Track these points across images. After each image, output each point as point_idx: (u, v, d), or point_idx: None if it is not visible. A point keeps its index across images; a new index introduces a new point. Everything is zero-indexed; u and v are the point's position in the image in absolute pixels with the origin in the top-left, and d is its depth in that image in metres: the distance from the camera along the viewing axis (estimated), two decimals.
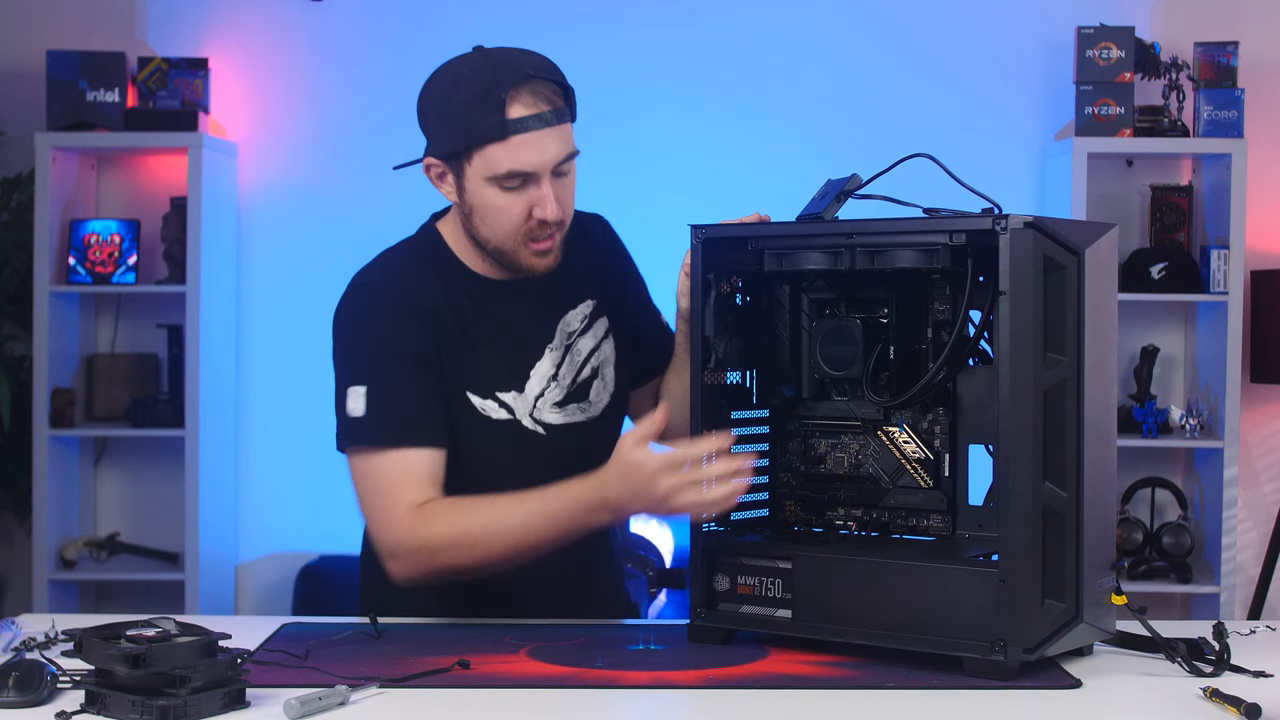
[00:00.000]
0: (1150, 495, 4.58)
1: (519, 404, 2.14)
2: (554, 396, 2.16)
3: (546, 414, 2.15)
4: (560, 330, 2.19)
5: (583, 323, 2.21)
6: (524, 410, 2.14)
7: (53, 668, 1.68)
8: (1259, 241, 4.57)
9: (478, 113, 2.01)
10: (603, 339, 2.23)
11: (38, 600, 4.43)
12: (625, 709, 1.71)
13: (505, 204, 2.05)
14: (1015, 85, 4.66)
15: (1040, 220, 1.75)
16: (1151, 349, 4.54)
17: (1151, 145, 4.46)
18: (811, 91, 4.65)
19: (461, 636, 1.98)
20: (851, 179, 1.96)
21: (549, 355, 2.17)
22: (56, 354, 4.49)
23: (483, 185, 2.05)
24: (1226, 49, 4.47)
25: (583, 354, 2.20)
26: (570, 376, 2.18)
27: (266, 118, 4.70)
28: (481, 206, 2.07)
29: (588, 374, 2.20)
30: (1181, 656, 1.80)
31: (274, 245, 4.64)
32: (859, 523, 2.01)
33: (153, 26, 4.70)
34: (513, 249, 2.09)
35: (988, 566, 1.77)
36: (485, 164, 2.03)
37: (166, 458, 4.60)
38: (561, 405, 2.17)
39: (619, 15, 4.65)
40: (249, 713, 1.61)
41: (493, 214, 2.06)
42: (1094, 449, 1.78)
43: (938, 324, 1.95)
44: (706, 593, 1.95)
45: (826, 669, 1.80)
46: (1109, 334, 1.83)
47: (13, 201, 4.64)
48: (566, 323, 2.20)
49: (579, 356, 2.19)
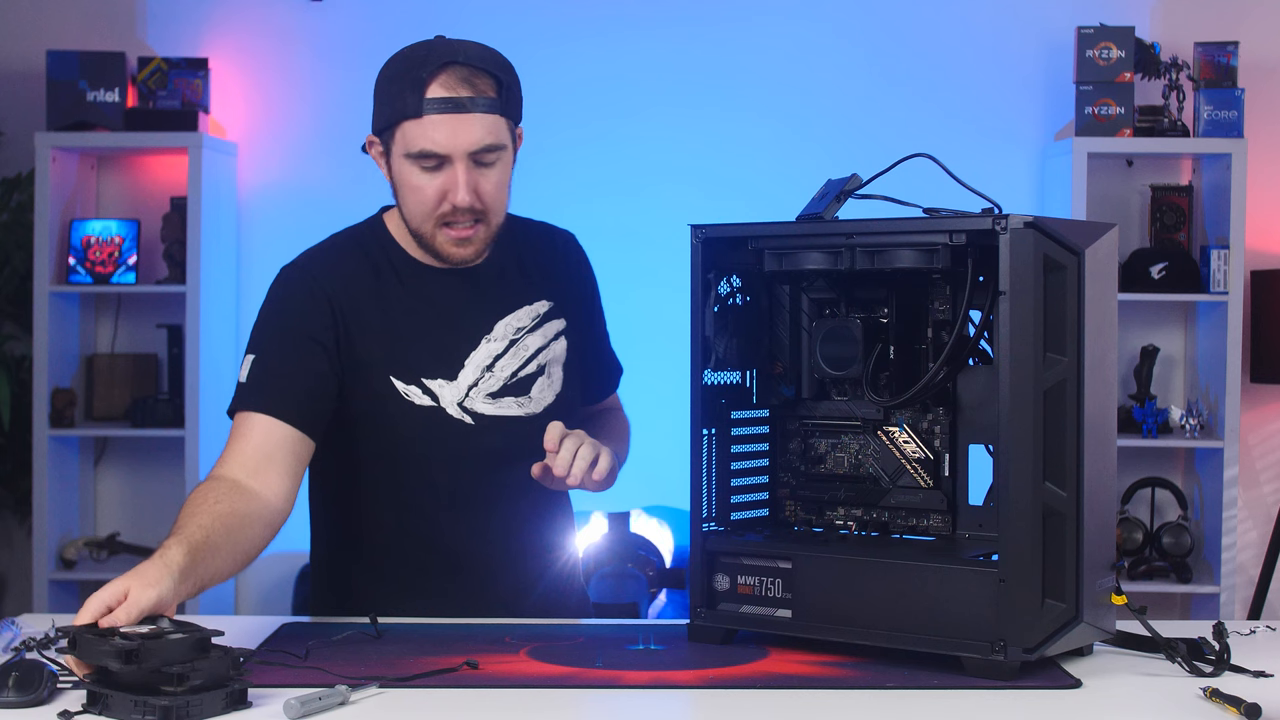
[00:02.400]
0: (1150, 495, 4.58)
1: (447, 391, 2.15)
2: (488, 387, 2.17)
3: (479, 404, 2.16)
4: (505, 324, 2.20)
5: (533, 320, 2.22)
6: (452, 398, 2.15)
7: (53, 668, 1.68)
8: (1259, 241, 4.58)
9: (399, 89, 2.09)
10: (553, 339, 2.23)
11: (38, 600, 4.43)
12: (625, 709, 1.71)
13: (419, 184, 2.10)
14: (1015, 85, 4.67)
15: (1040, 220, 1.75)
16: (1151, 349, 4.54)
17: (1151, 145, 4.46)
18: (812, 91, 4.65)
19: (461, 636, 1.98)
20: (851, 179, 1.96)
21: (485, 346, 2.18)
22: (56, 354, 4.50)
23: (402, 162, 2.10)
24: (1226, 49, 4.47)
25: (529, 350, 2.21)
26: (510, 370, 2.19)
27: (266, 118, 4.70)
28: (400, 184, 2.13)
29: (532, 369, 2.20)
30: (1181, 656, 1.80)
31: (274, 245, 4.64)
32: (859, 523, 2.01)
33: (153, 26, 4.71)
34: (429, 233, 2.13)
35: (988, 566, 1.77)
36: (403, 140, 2.09)
37: (166, 458, 4.60)
38: (496, 397, 2.17)
39: (619, 16, 4.65)
40: (249, 713, 1.61)
41: (408, 192, 2.12)
42: (1094, 449, 1.78)
43: (938, 324, 1.95)
44: (706, 593, 1.95)
45: (826, 669, 1.80)
46: (1109, 334, 1.83)
47: (13, 201, 4.64)
48: (516, 318, 2.21)
49: (524, 352, 2.20)
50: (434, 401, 2.14)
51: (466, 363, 2.16)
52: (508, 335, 2.19)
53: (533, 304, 2.23)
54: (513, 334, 2.20)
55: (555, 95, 4.63)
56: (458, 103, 2.07)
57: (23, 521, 4.65)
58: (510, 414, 2.17)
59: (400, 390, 2.13)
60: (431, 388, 2.14)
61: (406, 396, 2.13)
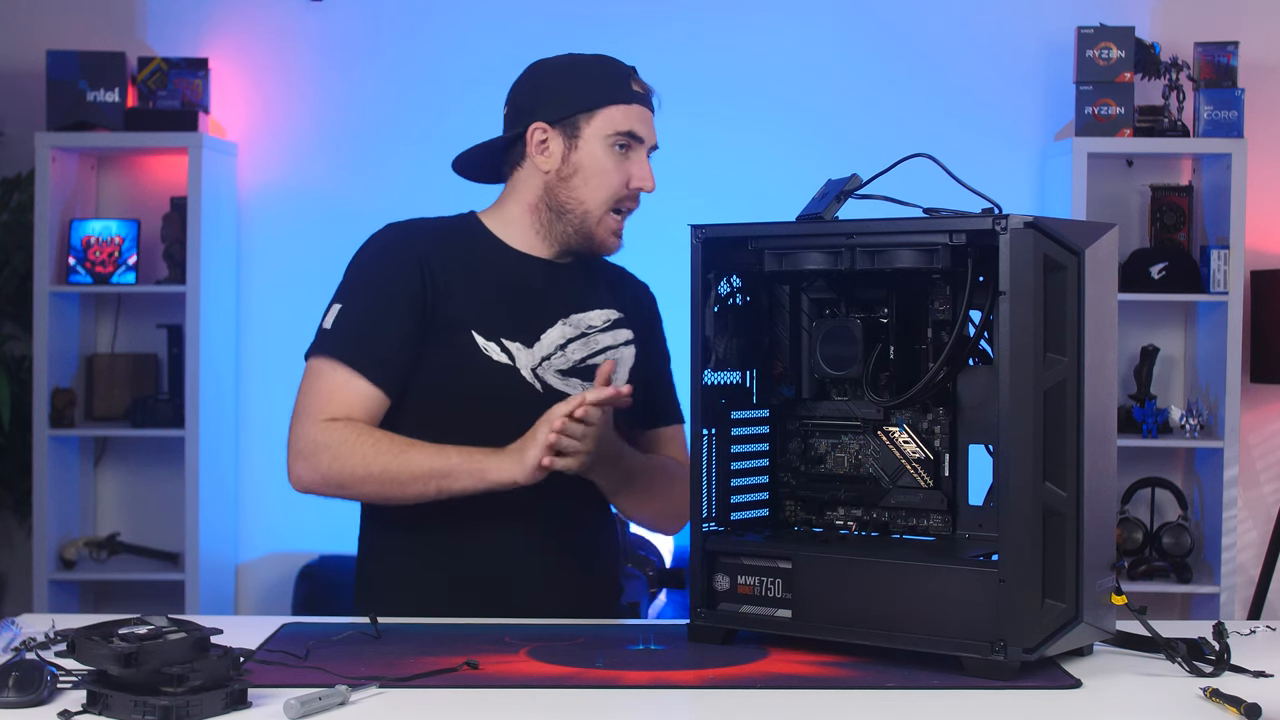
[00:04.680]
0: (1150, 495, 4.58)
1: (524, 356, 2.23)
2: (559, 364, 2.25)
3: (550, 376, 2.24)
4: (579, 317, 2.29)
5: (604, 323, 2.32)
6: (527, 363, 2.23)
7: (53, 667, 1.68)
8: (1259, 241, 4.57)
9: (608, 77, 2.26)
10: (622, 344, 2.32)
11: (38, 600, 4.43)
12: (625, 709, 1.71)
13: (611, 166, 2.25)
14: (1015, 85, 4.66)
15: (1040, 220, 1.75)
16: (1151, 349, 4.54)
17: (1151, 145, 4.46)
18: (812, 91, 4.65)
19: (461, 636, 1.98)
20: (851, 179, 1.96)
21: (560, 327, 2.27)
22: (56, 354, 4.49)
23: (597, 144, 2.24)
24: (1226, 49, 4.47)
25: (599, 344, 2.29)
26: (580, 355, 2.27)
27: (266, 118, 4.70)
28: (589, 166, 2.25)
29: (600, 360, 2.27)
30: (1181, 656, 1.80)
31: (274, 245, 4.64)
32: (859, 523, 2.01)
33: (153, 26, 4.71)
34: (598, 218, 2.26)
35: (988, 566, 1.77)
36: (608, 122, 2.24)
37: (166, 458, 4.60)
38: (566, 374, 2.25)
39: (619, 16, 4.65)
40: (249, 713, 1.61)
41: (597, 175, 2.25)
42: (1094, 449, 1.78)
43: (938, 324, 1.95)
44: (706, 593, 1.95)
45: (826, 669, 1.80)
46: (1109, 334, 1.83)
47: (13, 201, 4.64)
48: (589, 316, 2.30)
49: (595, 344, 2.29)
50: (510, 361, 2.21)
51: (543, 336, 2.25)
52: (581, 326, 2.29)
53: (605, 309, 2.32)
54: (585, 327, 2.29)
55: None
56: (651, 101, 2.31)
57: (23, 521, 4.65)
58: (575, 391, 2.23)
59: (480, 345, 2.21)
60: (510, 348, 2.22)
61: (485, 352, 2.21)
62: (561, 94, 2.26)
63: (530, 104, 2.28)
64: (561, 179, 2.26)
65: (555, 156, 2.26)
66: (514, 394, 2.21)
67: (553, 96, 2.26)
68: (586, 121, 2.24)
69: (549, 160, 2.26)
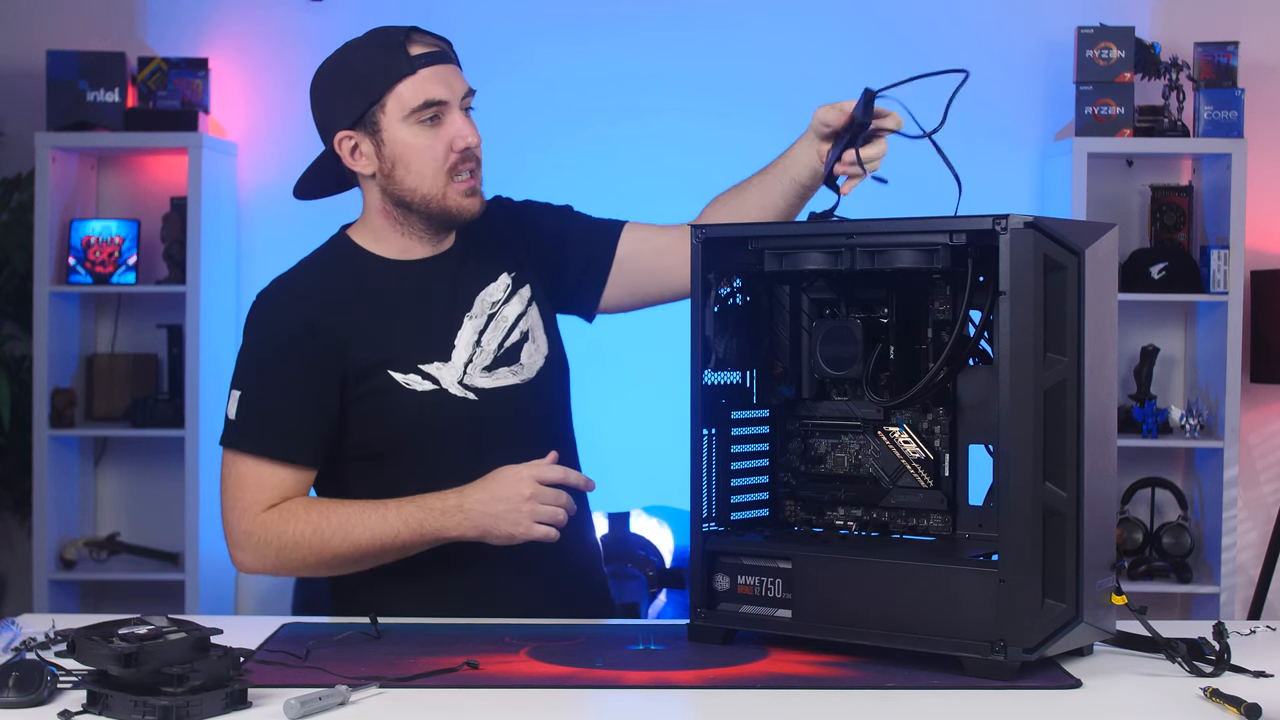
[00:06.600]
0: (1150, 495, 4.58)
1: (445, 373, 2.18)
2: (482, 361, 2.21)
3: (478, 379, 2.20)
4: (481, 300, 2.24)
5: (504, 292, 2.27)
6: (451, 378, 2.18)
7: (53, 667, 1.68)
8: (1259, 241, 4.57)
9: (381, 59, 2.15)
10: (528, 305, 2.28)
11: (38, 600, 4.43)
12: (625, 709, 1.71)
13: (425, 142, 2.15)
14: (1015, 85, 4.66)
15: (1040, 220, 1.75)
16: (1151, 349, 4.54)
17: (1151, 145, 4.46)
18: (811, 92, 4.60)
19: (461, 636, 1.98)
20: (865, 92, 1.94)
21: (469, 323, 2.22)
22: (56, 354, 4.49)
23: (400, 127, 2.14)
24: (1226, 49, 4.47)
25: (509, 320, 2.25)
26: (496, 342, 2.22)
27: (266, 118, 4.70)
28: (404, 152, 2.15)
29: (516, 338, 2.24)
30: (1181, 656, 1.80)
31: (274, 245, 4.64)
32: (859, 523, 2.01)
33: (153, 26, 4.71)
34: (440, 193, 2.17)
35: (988, 566, 1.77)
36: (399, 103, 2.14)
37: (166, 458, 4.60)
38: (491, 370, 2.21)
39: (620, 16, 4.65)
40: (249, 713, 1.61)
41: (414, 156, 2.15)
42: (1094, 449, 1.78)
43: (938, 324, 1.95)
44: (706, 593, 1.95)
45: (826, 669, 1.80)
46: (1109, 334, 1.83)
47: (13, 201, 4.64)
48: (489, 294, 2.25)
49: (505, 323, 2.24)
50: (435, 385, 2.17)
51: (456, 342, 2.20)
52: (485, 310, 2.24)
53: (497, 279, 2.27)
54: (489, 308, 2.24)
55: (555, 96, 4.63)
56: (443, 54, 2.18)
57: (23, 521, 4.65)
58: (508, 383, 2.21)
59: (400, 381, 2.15)
60: (430, 372, 2.17)
61: (407, 386, 2.15)
62: (344, 94, 2.17)
63: (325, 116, 2.22)
64: (387, 175, 2.18)
65: (370, 157, 2.18)
66: (450, 414, 2.16)
67: (339, 100, 2.18)
68: (380, 111, 2.14)
69: (368, 163, 2.18)
